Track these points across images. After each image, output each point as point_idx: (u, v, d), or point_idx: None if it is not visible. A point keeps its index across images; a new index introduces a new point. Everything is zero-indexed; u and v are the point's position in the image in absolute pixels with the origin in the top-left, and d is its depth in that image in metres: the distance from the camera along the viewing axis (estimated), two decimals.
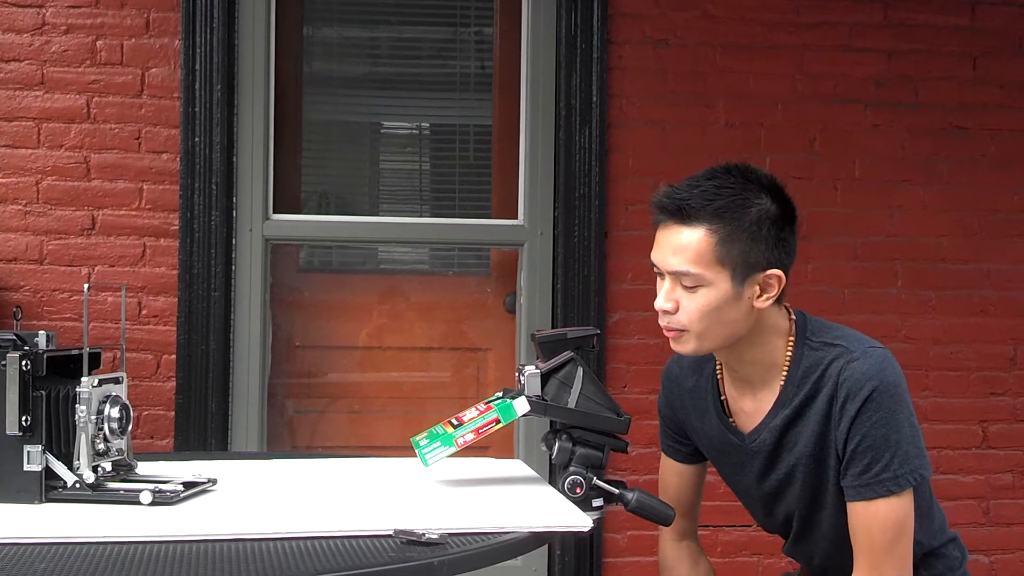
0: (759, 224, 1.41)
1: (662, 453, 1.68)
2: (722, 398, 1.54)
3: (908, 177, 3.00)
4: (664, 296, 1.45)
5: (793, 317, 1.49)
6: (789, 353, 1.46)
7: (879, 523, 1.39)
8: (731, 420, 1.53)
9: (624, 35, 2.91)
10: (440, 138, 3.27)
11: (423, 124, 3.25)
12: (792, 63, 2.96)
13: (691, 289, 1.42)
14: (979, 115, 3.01)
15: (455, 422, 1.46)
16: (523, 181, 2.94)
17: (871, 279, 2.95)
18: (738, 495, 1.61)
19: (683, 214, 1.42)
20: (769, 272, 1.42)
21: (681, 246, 1.42)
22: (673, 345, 1.47)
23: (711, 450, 1.58)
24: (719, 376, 1.55)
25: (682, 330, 1.44)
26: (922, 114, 3.00)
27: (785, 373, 1.46)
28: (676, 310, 1.43)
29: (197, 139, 2.77)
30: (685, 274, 1.41)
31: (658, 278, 1.47)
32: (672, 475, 1.65)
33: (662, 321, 1.46)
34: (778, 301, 1.46)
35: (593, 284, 2.87)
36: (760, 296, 1.43)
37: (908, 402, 1.42)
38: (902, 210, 2.99)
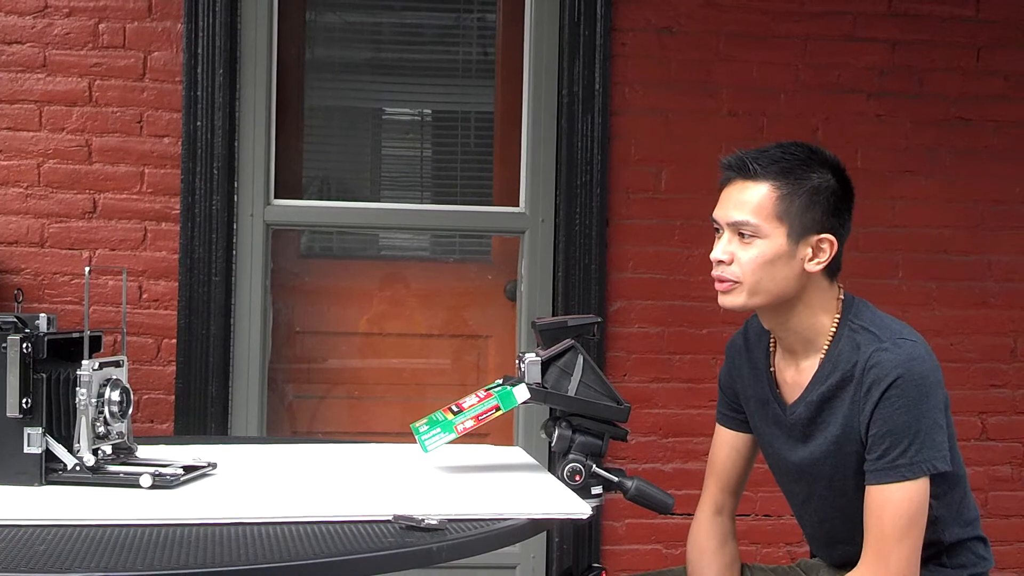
0: (819, 190, 1.49)
1: (716, 424, 1.71)
2: (771, 369, 1.59)
3: (911, 168, 2.99)
4: (720, 248, 1.51)
5: (842, 297, 1.54)
6: (833, 329, 1.51)
7: (891, 509, 1.41)
8: (778, 390, 1.58)
9: (628, 22, 2.90)
10: (442, 124, 3.26)
11: (425, 110, 3.25)
12: (795, 52, 2.95)
13: (747, 240, 1.48)
14: (982, 106, 3.00)
15: (455, 409, 1.47)
16: (525, 168, 2.93)
17: (872, 270, 2.94)
18: (773, 471, 1.64)
19: (749, 171, 1.50)
20: (823, 236, 1.49)
21: (744, 199, 1.49)
22: (723, 299, 1.52)
23: (756, 417, 1.62)
24: (772, 350, 1.60)
25: (735, 281, 1.49)
26: (925, 104, 2.99)
27: (826, 347, 1.51)
28: (731, 261, 1.49)
29: (199, 123, 2.76)
30: (744, 224, 1.48)
31: (716, 237, 1.53)
32: (723, 445, 1.69)
33: (716, 271, 1.51)
34: (831, 276, 1.52)
35: (594, 272, 2.87)
36: (812, 259, 1.49)
37: (936, 397, 1.44)
38: (904, 201, 2.99)
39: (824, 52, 2.96)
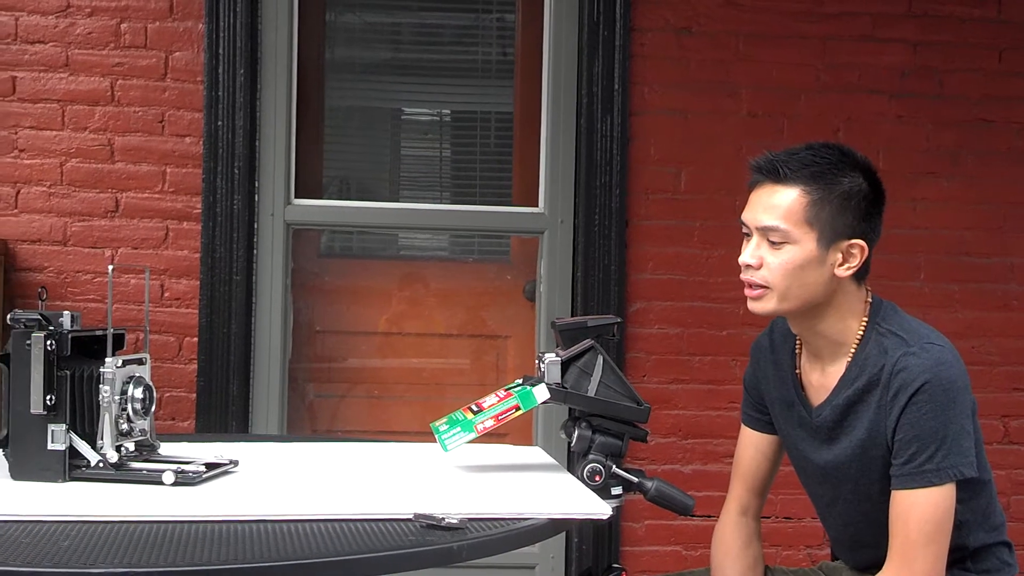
0: (850, 195, 1.47)
1: (742, 425, 1.70)
2: (797, 371, 1.58)
3: (932, 169, 2.97)
4: (750, 252, 1.49)
5: (870, 300, 1.53)
6: (860, 333, 1.50)
7: (917, 515, 1.41)
8: (803, 392, 1.57)
9: (647, 23, 2.90)
10: (461, 125, 3.26)
11: (444, 110, 3.25)
12: (816, 53, 2.94)
13: (777, 246, 1.47)
14: (1005, 107, 2.98)
15: (475, 408, 1.47)
16: (544, 168, 2.93)
17: (894, 272, 2.92)
18: (798, 473, 1.64)
19: (779, 174, 1.48)
20: (853, 241, 1.47)
21: (773, 204, 1.47)
22: (752, 305, 1.51)
23: (781, 419, 1.61)
24: (798, 352, 1.59)
25: (764, 287, 1.48)
26: (947, 106, 2.96)
27: (853, 351, 1.50)
28: (760, 266, 1.48)
29: (220, 123, 2.78)
30: (774, 229, 1.46)
31: (745, 240, 1.52)
32: (748, 447, 1.68)
33: (745, 276, 1.50)
34: (859, 280, 1.51)
35: (613, 273, 2.86)
36: (842, 264, 1.47)
37: (963, 402, 1.44)
38: (926, 202, 2.96)
39: (844, 52, 2.94)
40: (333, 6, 3.05)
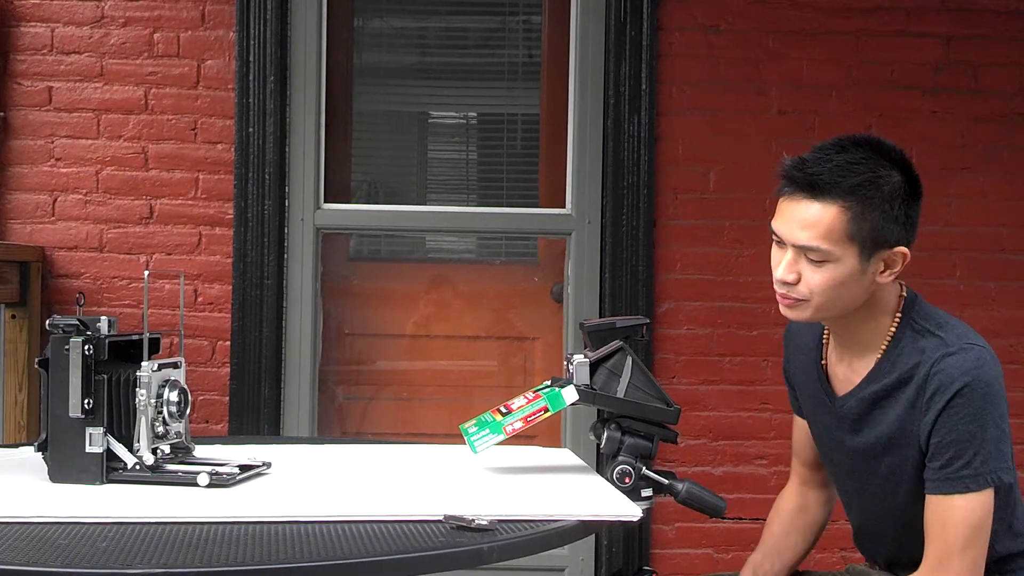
0: (891, 202, 1.40)
1: (793, 413, 1.70)
2: (823, 362, 1.55)
3: (967, 165, 2.93)
4: (786, 267, 1.43)
5: (904, 294, 1.48)
6: (893, 330, 1.46)
7: (955, 519, 1.38)
8: (828, 383, 1.55)
9: (674, 21, 2.89)
10: (488, 127, 3.27)
11: (471, 113, 3.26)
12: (848, 49, 2.91)
13: (816, 263, 1.40)
14: None
15: (504, 410, 1.47)
16: (571, 170, 2.93)
17: (929, 270, 2.89)
18: (825, 462, 1.62)
19: (815, 189, 1.39)
20: (896, 249, 1.42)
21: (810, 221, 1.39)
22: (787, 312, 1.47)
23: (808, 408, 1.60)
24: (825, 342, 1.56)
25: (801, 299, 1.43)
26: (982, 101, 2.92)
27: (884, 348, 1.46)
28: (798, 281, 1.42)
29: (251, 130, 2.81)
30: (813, 249, 1.39)
31: (775, 245, 1.45)
32: (799, 431, 1.67)
33: (780, 289, 1.45)
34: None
35: (641, 274, 2.85)
36: (884, 272, 1.43)
37: (1001, 404, 1.40)
38: (961, 199, 2.93)
39: (877, 48, 2.91)
40: (361, 12, 3.07)
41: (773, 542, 1.68)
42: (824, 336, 1.56)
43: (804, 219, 1.40)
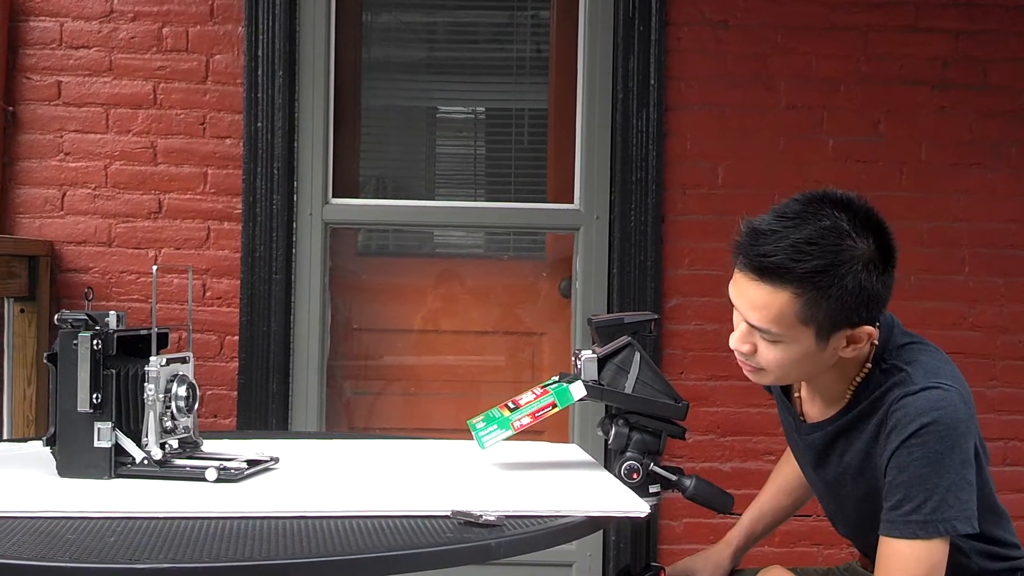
0: (851, 289, 1.28)
1: None
2: (796, 395, 1.51)
3: (976, 161, 2.92)
4: (740, 338, 1.36)
5: (875, 343, 1.37)
6: (864, 373, 1.39)
7: (897, 566, 1.29)
8: (801, 413, 1.51)
9: (683, 16, 2.88)
10: (496, 122, 3.27)
11: (479, 108, 3.26)
12: (856, 44, 2.90)
13: (770, 342, 1.33)
14: None
15: (511, 405, 1.47)
16: (579, 165, 2.93)
17: (937, 265, 2.88)
18: (807, 478, 1.60)
19: (766, 272, 1.29)
20: (862, 329, 1.32)
21: (760, 303, 1.31)
22: (749, 375, 1.41)
23: (785, 428, 1.58)
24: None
25: (759, 368, 1.38)
26: (990, 96, 2.91)
27: (852, 391, 1.41)
28: (753, 352, 1.36)
29: (259, 124, 2.81)
30: (764, 331, 1.32)
31: (734, 310, 1.38)
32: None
33: (739, 357, 1.39)
34: None
35: (649, 269, 2.85)
36: (847, 347, 1.34)
37: (965, 449, 1.30)
38: (969, 195, 2.91)
39: (885, 43, 2.90)
40: (369, 7, 3.07)
41: (771, 503, 1.67)
42: None
43: (753, 299, 1.31)
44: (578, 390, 1.44)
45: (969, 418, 1.32)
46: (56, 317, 1.37)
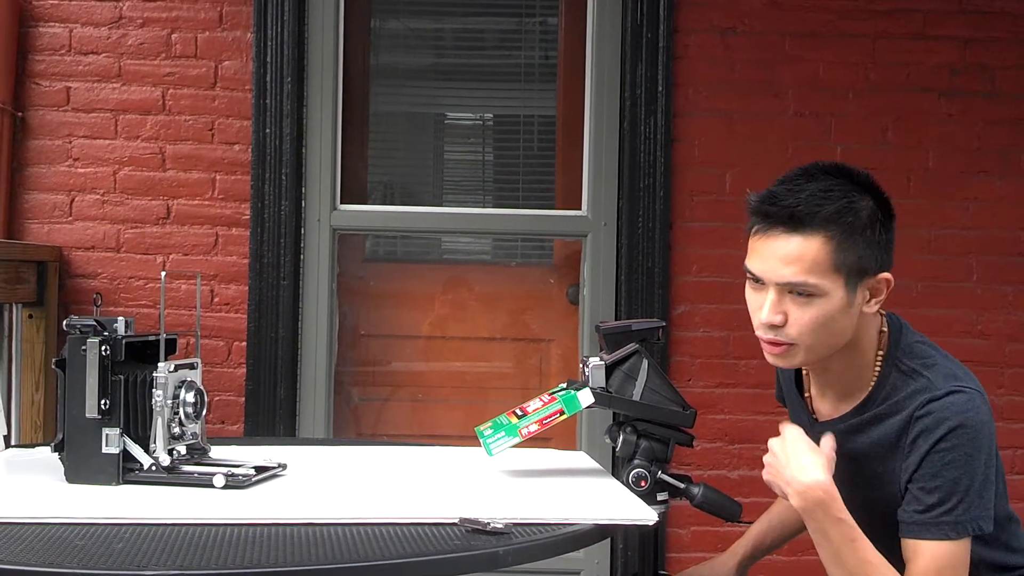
0: (871, 226, 1.35)
1: None
2: (807, 395, 1.51)
3: (984, 168, 2.91)
4: (771, 309, 1.35)
5: (884, 328, 1.41)
6: (877, 369, 1.40)
7: (934, 566, 1.31)
8: (813, 414, 1.51)
9: (690, 24, 2.88)
10: (504, 128, 3.27)
11: (487, 114, 3.26)
12: (864, 51, 2.90)
13: (804, 300, 1.34)
14: None
15: (519, 412, 1.47)
16: (587, 171, 2.93)
17: (945, 273, 2.87)
18: None
19: (795, 221, 1.32)
20: (880, 276, 1.37)
21: (794, 256, 1.32)
22: (776, 360, 1.40)
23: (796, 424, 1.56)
24: (805, 373, 1.52)
25: (790, 344, 1.37)
26: (999, 104, 2.90)
27: (869, 390, 1.41)
28: (785, 323, 1.35)
29: (268, 130, 2.82)
30: (800, 284, 1.33)
31: (751, 288, 1.39)
32: None
33: (766, 335, 1.38)
34: None
35: (657, 276, 2.85)
36: (869, 301, 1.37)
37: (989, 449, 1.34)
38: (978, 202, 2.90)
39: (894, 50, 2.90)
40: (378, 13, 3.08)
41: (782, 515, 1.67)
42: (804, 372, 1.51)
43: (786, 254, 1.33)
44: (586, 397, 1.44)
45: (990, 418, 1.35)
46: (65, 323, 1.37)
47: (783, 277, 1.34)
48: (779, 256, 1.34)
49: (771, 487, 1.39)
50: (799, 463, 1.33)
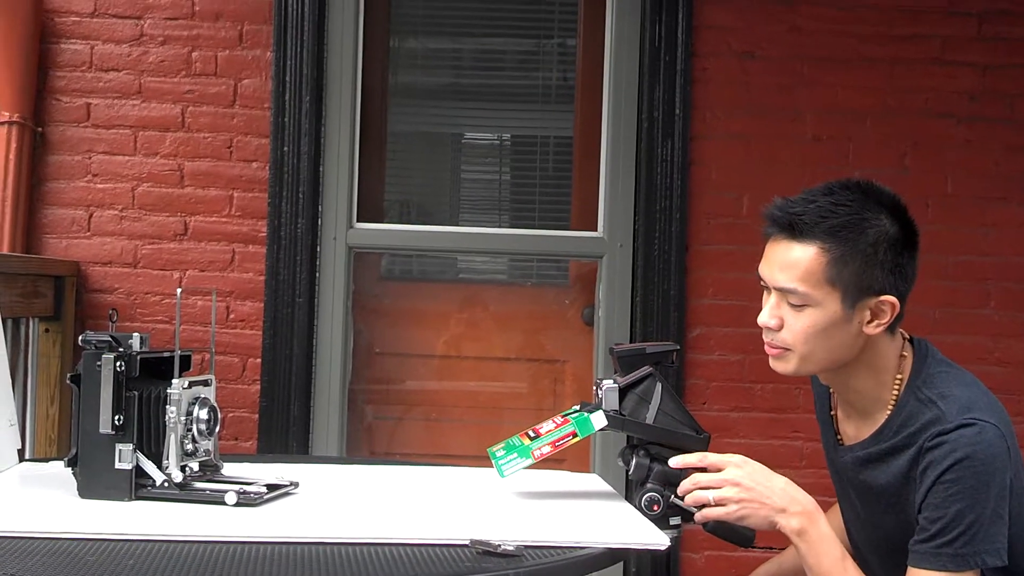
0: (876, 246, 1.35)
1: None
2: (832, 412, 1.53)
3: (1002, 194, 2.89)
4: (768, 312, 1.40)
5: (906, 354, 1.42)
6: (896, 392, 1.40)
7: None
8: (838, 433, 1.52)
9: (709, 47, 2.88)
10: (521, 149, 3.28)
11: (504, 135, 3.27)
12: (883, 76, 2.89)
13: (797, 308, 1.37)
14: None
15: (532, 434, 1.46)
16: (603, 193, 2.93)
17: (963, 299, 2.85)
18: (840, 505, 1.59)
19: (794, 229, 1.37)
20: (883, 298, 1.36)
21: (790, 262, 1.37)
22: (773, 363, 1.43)
23: (825, 448, 1.57)
24: (833, 392, 1.53)
25: (785, 349, 1.40)
26: (1017, 130, 2.89)
27: (888, 413, 1.41)
28: (780, 327, 1.39)
29: (286, 149, 2.84)
30: (792, 292, 1.37)
31: (764, 291, 1.43)
32: None
33: (765, 337, 1.42)
34: (891, 331, 1.41)
35: (673, 298, 2.84)
36: (871, 322, 1.37)
37: (1000, 485, 1.32)
38: (996, 228, 2.89)
39: (912, 76, 2.89)
40: (396, 33, 3.10)
41: (792, 558, 1.64)
42: (832, 391, 1.53)
43: (784, 260, 1.37)
44: (599, 420, 1.43)
45: (1005, 453, 1.33)
46: (80, 338, 1.38)
47: (777, 282, 1.39)
48: (778, 261, 1.39)
49: (744, 521, 1.37)
50: (778, 485, 1.36)
